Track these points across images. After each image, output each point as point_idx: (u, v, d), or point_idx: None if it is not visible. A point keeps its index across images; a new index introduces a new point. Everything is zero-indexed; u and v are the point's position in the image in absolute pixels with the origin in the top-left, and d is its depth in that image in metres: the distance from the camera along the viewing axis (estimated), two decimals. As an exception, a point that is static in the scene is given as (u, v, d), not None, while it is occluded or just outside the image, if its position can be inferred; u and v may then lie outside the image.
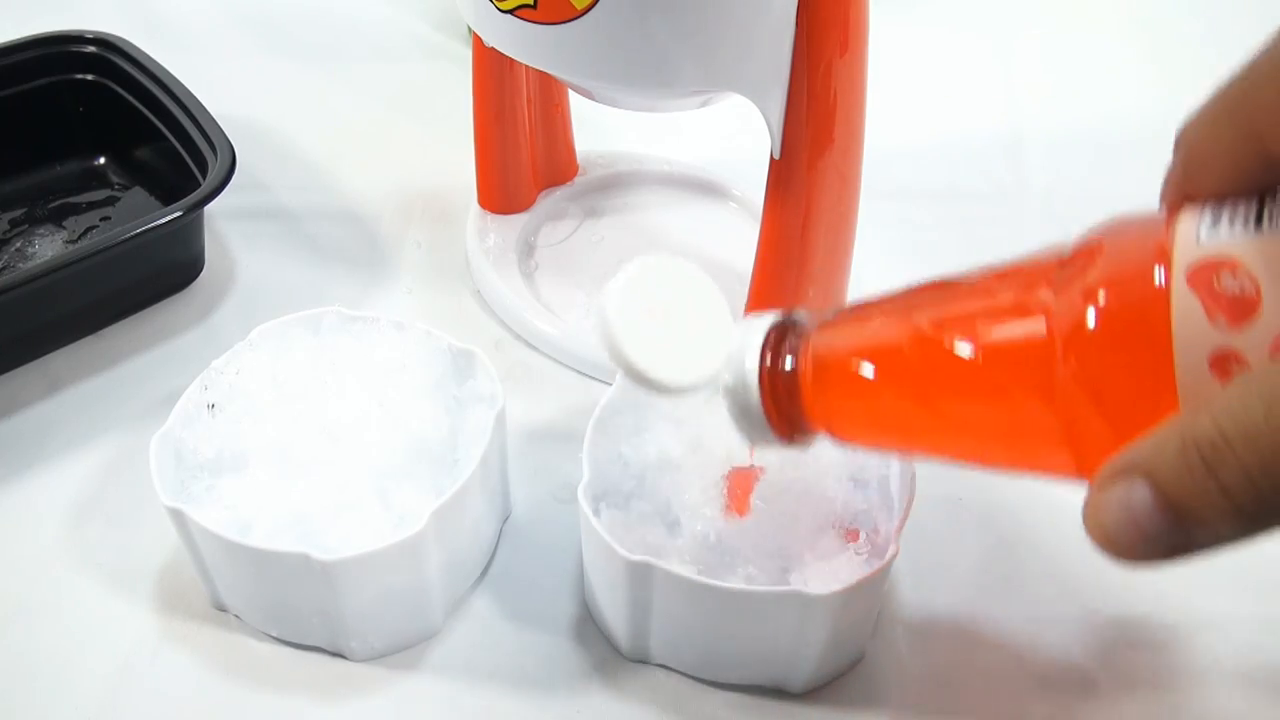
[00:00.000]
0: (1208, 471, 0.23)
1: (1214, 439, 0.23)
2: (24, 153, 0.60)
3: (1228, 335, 0.24)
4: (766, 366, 0.33)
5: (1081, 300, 0.27)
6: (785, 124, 0.44)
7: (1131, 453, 0.25)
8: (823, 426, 0.33)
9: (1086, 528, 0.26)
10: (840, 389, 0.32)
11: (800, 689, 0.41)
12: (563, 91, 0.58)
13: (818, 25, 0.41)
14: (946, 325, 0.30)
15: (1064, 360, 0.27)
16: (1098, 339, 0.26)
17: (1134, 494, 0.24)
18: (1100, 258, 0.27)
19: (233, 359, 0.44)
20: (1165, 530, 0.24)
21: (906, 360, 0.31)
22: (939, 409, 0.31)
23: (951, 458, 0.32)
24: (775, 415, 0.33)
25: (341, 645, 0.42)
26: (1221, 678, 0.43)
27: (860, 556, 0.40)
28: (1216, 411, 0.23)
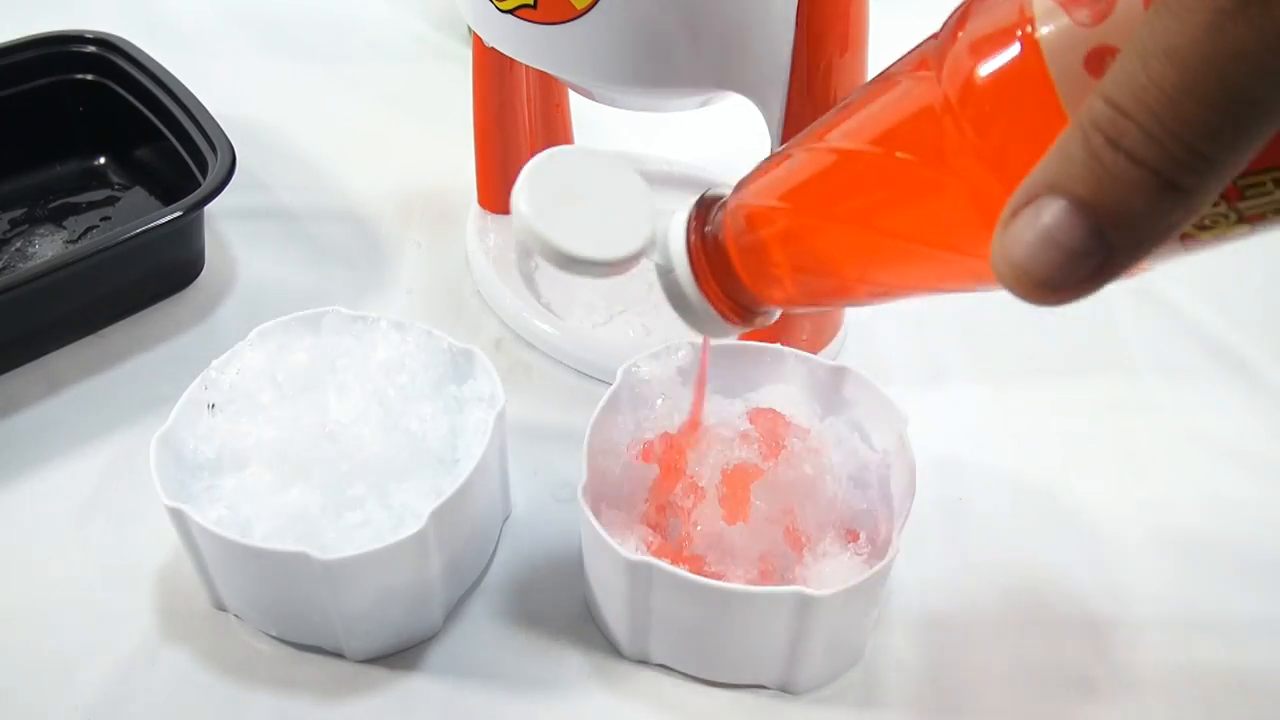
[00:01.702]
0: (1113, 150, 0.21)
1: (1108, 115, 0.21)
2: (24, 153, 0.60)
3: (1095, 32, 0.23)
4: (693, 240, 0.33)
5: (953, 58, 0.26)
6: (785, 124, 0.44)
7: (1031, 177, 0.23)
8: (757, 287, 0.33)
9: (997, 272, 0.23)
10: (762, 235, 0.32)
11: (800, 689, 0.41)
12: (563, 91, 0.58)
13: (818, 25, 0.41)
14: (841, 134, 0.29)
15: (951, 121, 0.26)
16: (974, 87, 0.25)
17: (1044, 211, 0.22)
18: (966, 17, 0.26)
19: (233, 359, 0.44)
20: (1086, 236, 0.22)
21: (814, 180, 0.30)
22: (854, 219, 0.30)
23: (882, 278, 0.31)
24: (712, 290, 0.33)
25: (341, 645, 0.42)
26: (1221, 678, 0.43)
27: (860, 557, 0.40)
28: (1103, 89, 0.21)
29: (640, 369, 0.44)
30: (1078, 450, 0.51)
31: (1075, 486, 0.49)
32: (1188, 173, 0.20)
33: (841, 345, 0.55)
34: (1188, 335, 0.57)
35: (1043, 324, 0.56)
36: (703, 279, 0.33)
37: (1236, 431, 0.52)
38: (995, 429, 0.52)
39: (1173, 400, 0.53)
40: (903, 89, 0.28)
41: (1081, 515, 0.48)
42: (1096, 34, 0.23)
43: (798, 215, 0.31)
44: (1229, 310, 0.58)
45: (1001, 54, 0.25)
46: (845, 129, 0.29)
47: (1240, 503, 0.49)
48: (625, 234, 0.33)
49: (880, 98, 0.28)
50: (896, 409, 0.42)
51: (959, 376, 0.54)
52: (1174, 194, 0.21)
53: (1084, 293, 0.22)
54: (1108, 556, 0.47)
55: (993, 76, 0.25)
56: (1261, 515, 0.48)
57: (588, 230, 0.33)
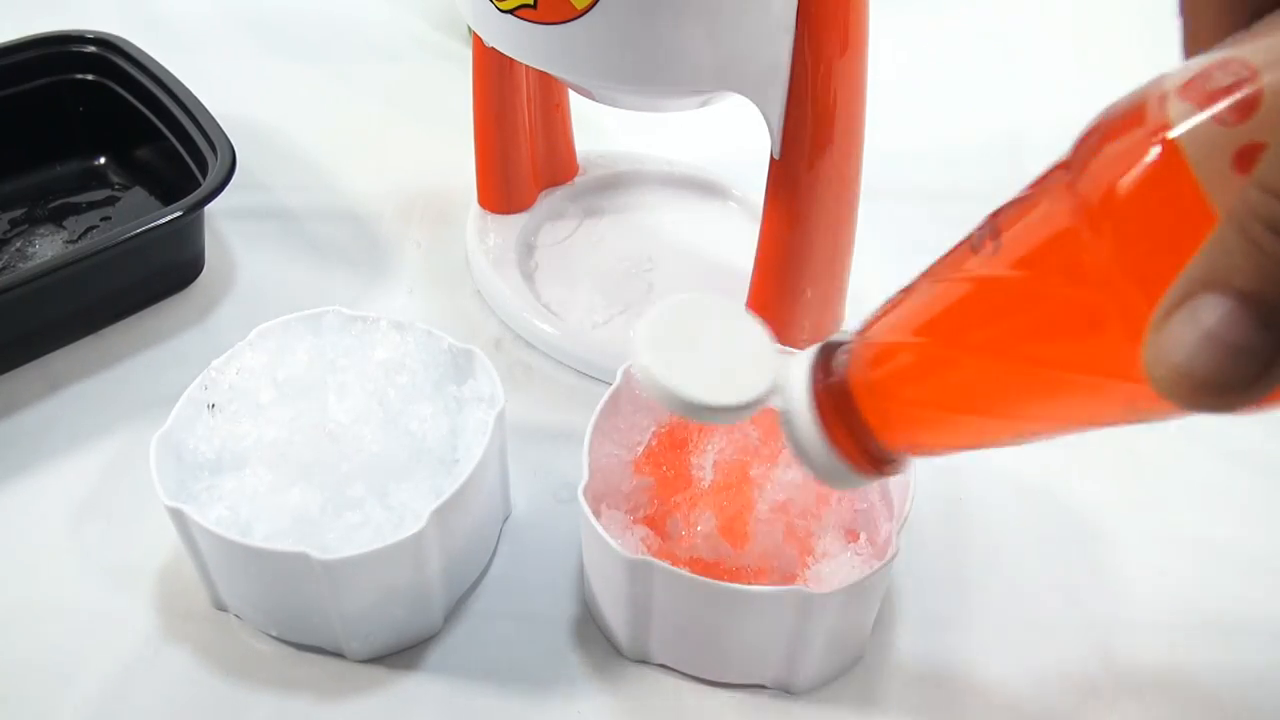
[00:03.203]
0: (1273, 235, 0.20)
1: (1265, 201, 0.20)
2: (24, 153, 0.60)
3: (1241, 130, 0.22)
4: (817, 386, 0.31)
5: (1090, 175, 0.25)
6: (785, 124, 0.44)
7: (1184, 275, 0.21)
8: (887, 433, 0.31)
9: (1153, 378, 0.22)
10: (891, 374, 0.30)
11: (800, 689, 0.41)
12: (563, 91, 0.58)
13: (818, 25, 0.41)
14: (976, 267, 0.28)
15: (1092, 236, 0.24)
16: (1115, 201, 0.24)
17: (1202, 310, 0.21)
18: (1097, 139, 0.26)
19: (233, 359, 0.44)
20: (1252, 331, 0.20)
21: (945, 308, 0.29)
22: (990, 348, 0.28)
23: (1023, 412, 0.29)
24: (839, 436, 0.31)
25: (341, 645, 0.42)
26: (1221, 678, 0.43)
27: (860, 557, 0.40)
28: (1257, 178, 0.20)
29: (640, 369, 0.44)
30: (1078, 450, 0.51)
31: (1075, 486, 0.49)
32: None
33: (841, 345, 0.54)
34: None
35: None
36: (829, 428, 0.31)
37: (1236, 431, 0.52)
38: (995, 429, 0.52)
39: (1173, 400, 0.53)
40: (1039, 214, 0.27)
41: (1081, 515, 0.48)
42: (1242, 132, 0.22)
43: (928, 349, 0.29)
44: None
45: (1142, 164, 0.24)
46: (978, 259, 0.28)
47: (1240, 503, 0.49)
48: (749, 378, 0.32)
49: (1013, 220, 0.27)
50: None
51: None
52: None
53: (1253, 395, 0.21)
54: (1108, 556, 0.47)
55: (1134, 188, 0.24)
56: (1261, 515, 0.48)
57: (708, 375, 0.32)
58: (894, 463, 0.32)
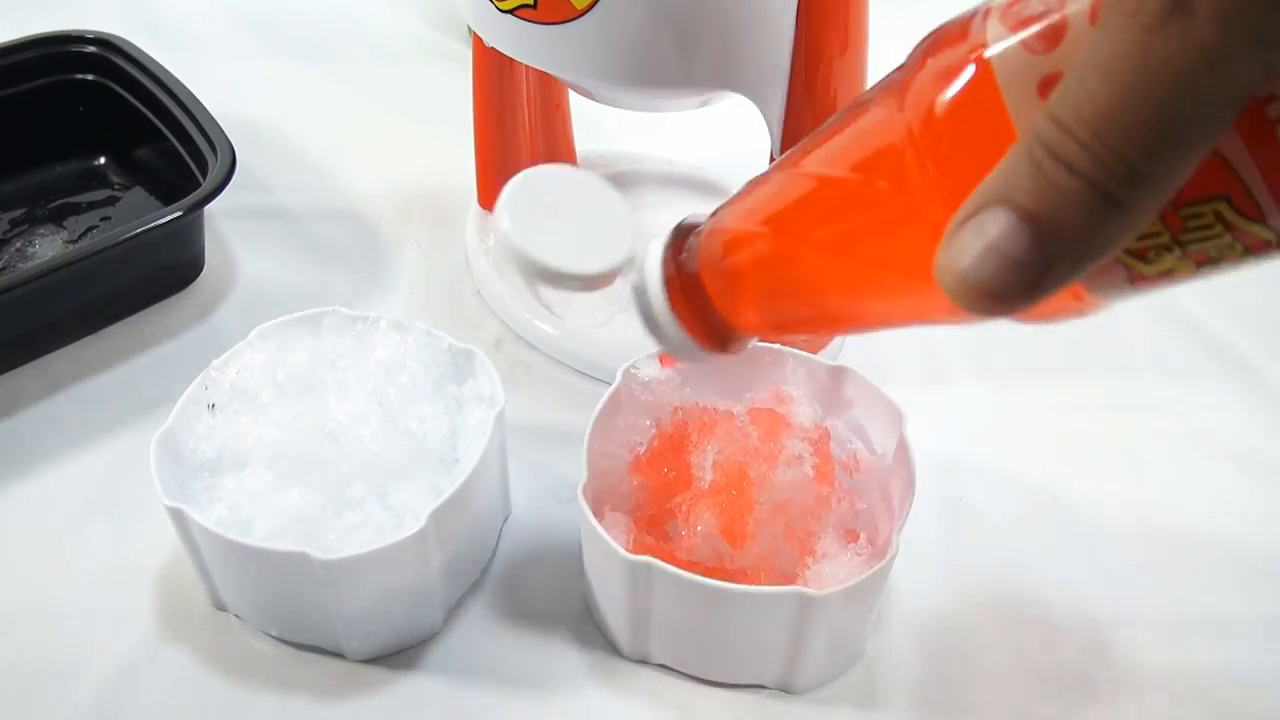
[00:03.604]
0: (1054, 162, 0.21)
1: (1050, 129, 0.22)
2: (24, 153, 0.60)
3: (1048, 59, 0.24)
4: (668, 265, 0.33)
5: (914, 90, 0.26)
6: (785, 124, 0.44)
7: (978, 190, 0.23)
8: (730, 314, 0.33)
9: (941, 281, 0.24)
10: (733, 260, 0.32)
11: (800, 689, 0.41)
12: (563, 91, 0.58)
13: (818, 25, 0.41)
14: (812, 160, 0.30)
15: (912, 152, 0.26)
16: (933, 118, 0.26)
17: (988, 221, 0.23)
18: (926, 47, 0.27)
19: (233, 359, 0.44)
20: (1028, 246, 0.22)
21: (782, 205, 0.31)
22: (821, 245, 0.30)
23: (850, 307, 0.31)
24: (685, 315, 0.33)
25: (341, 645, 0.42)
26: (1221, 678, 0.43)
27: (860, 557, 0.40)
28: (1047, 106, 0.22)
29: (640, 369, 0.44)
30: (1078, 450, 0.51)
31: (1075, 486, 0.49)
32: (1122, 185, 0.21)
33: (841, 345, 0.55)
34: (1188, 335, 0.57)
35: (1043, 324, 0.56)
36: (676, 303, 0.34)
37: (1236, 431, 0.52)
38: (995, 429, 0.52)
39: (1173, 400, 0.53)
40: (871, 118, 0.28)
41: (1081, 515, 0.48)
42: (1049, 60, 0.24)
43: (768, 240, 0.31)
44: (1229, 310, 0.58)
45: (958, 85, 0.25)
46: (816, 156, 0.30)
47: (1240, 503, 0.49)
48: (604, 250, 0.34)
49: (851, 126, 0.29)
50: (896, 409, 0.42)
51: (959, 376, 0.54)
52: (1110, 207, 0.21)
53: (1023, 303, 0.23)
54: (1108, 556, 0.47)
55: (950, 106, 0.25)
56: (1261, 515, 0.48)
57: (567, 245, 0.33)
58: (737, 341, 0.34)
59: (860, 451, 0.44)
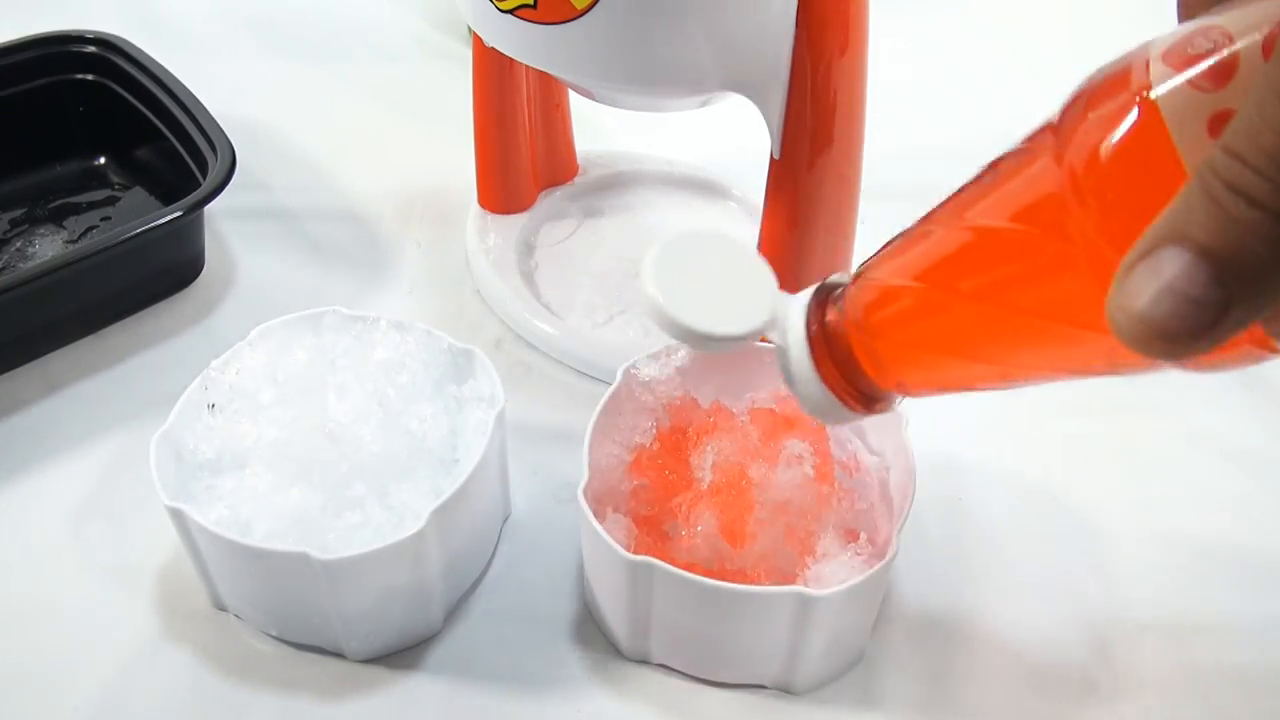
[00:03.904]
0: (1233, 195, 0.21)
1: (1226, 162, 0.21)
2: (24, 153, 0.60)
3: (1217, 97, 0.23)
4: (813, 325, 0.33)
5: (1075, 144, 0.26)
6: (785, 124, 0.44)
7: (1150, 229, 0.22)
8: (877, 372, 0.32)
9: (1114, 324, 0.23)
10: (883, 317, 0.31)
11: (800, 689, 0.41)
12: (563, 91, 0.58)
13: (818, 25, 0.41)
14: (967, 213, 0.29)
15: (1075, 197, 0.25)
16: (1098, 163, 0.25)
17: (1164, 261, 0.22)
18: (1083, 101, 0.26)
19: (233, 359, 0.44)
20: (1207, 283, 0.21)
21: (936, 258, 0.30)
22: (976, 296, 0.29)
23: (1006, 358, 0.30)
24: (830, 372, 0.32)
25: (341, 645, 0.42)
26: (1221, 678, 0.43)
27: (860, 557, 0.40)
28: (1222, 139, 0.21)
29: (640, 369, 0.44)
30: (1078, 450, 0.51)
31: (1075, 486, 0.49)
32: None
33: (841, 345, 0.54)
34: (1188, 335, 0.56)
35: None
36: (821, 364, 0.33)
37: (1236, 431, 0.52)
38: (995, 429, 0.52)
39: (1173, 400, 0.53)
40: (1029, 170, 0.28)
41: (1081, 515, 0.48)
42: (1219, 98, 0.23)
43: (921, 294, 0.30)
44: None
45: (1123, 129, 0.24)
46: (970, 209, 0.29)
47: (1240, 503, 0.49)
48: (747, 311, 0.34)
49: (1007, 180, 0.29)
50: (896, 409, 0.42)
51: (959, 377, 0.54)
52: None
53: (1203, 345, 0.22)
54: (1108, 556, 0.47)
55: (1116, 152, 0.25)
56: (1261, 516, 0.48)
57: (712, 307, 0.33)
58: (883, 401, 0.34)
59: (860, 451, 0.44)
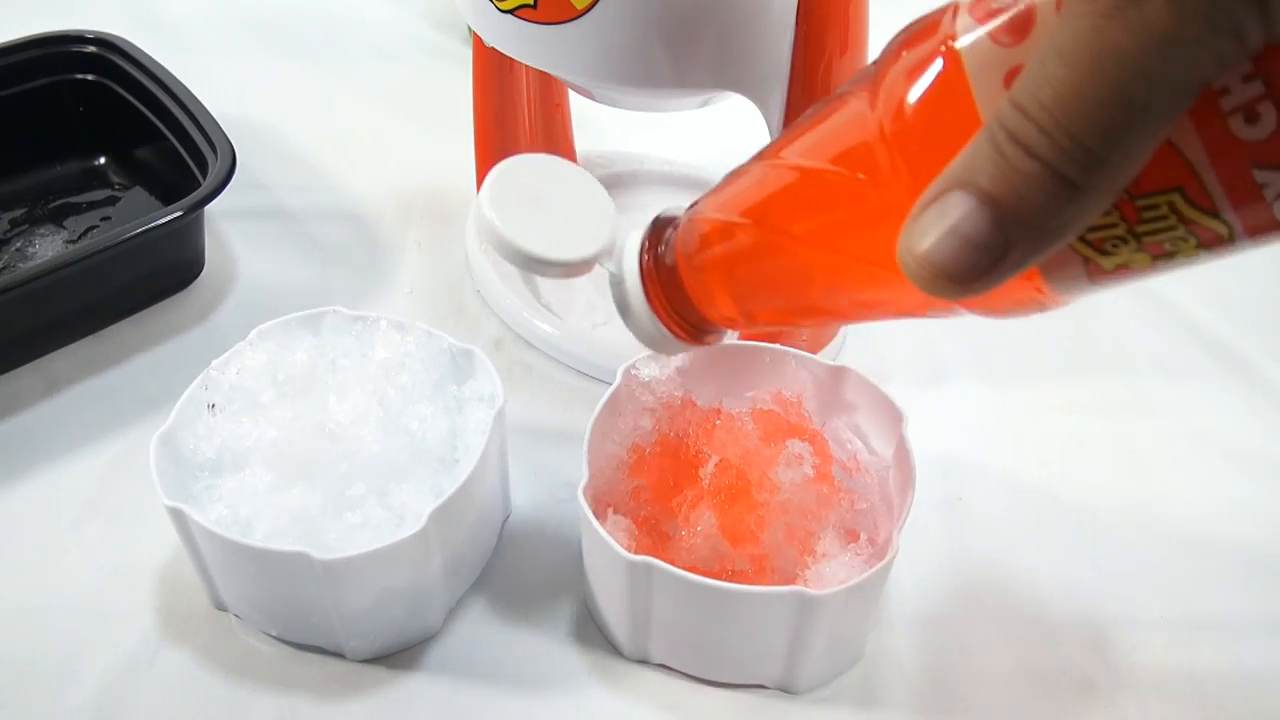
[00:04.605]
0: (1015, 146, 0.22)
1: (1011, 114, 0.22)
2: (24, 153, 0.60)
3: (1015, 52, 0.24)
4: (646, 257, 0.34)
5: (886, 85, 0.27)
6: (785, 124, 0.44)
7: (941, 175, 0.24)
8: (704, 306, 0.33)
9: (902, 263, 0.24)
10: (708, 251, 0.32)
11: (800, 689, 0.41)
12: (563, 91, 0.58)
13: (818, 25, 0.41)
14: (787, 152, 0.30)
15: (883, 147, 0.27)
16: (903, 113, 0.26)
17: (949, 204, 0.23)
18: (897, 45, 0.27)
19: (233, 359, 0.44)
20: (987, 228, 0.23)
21: (756, 197, 0.31)
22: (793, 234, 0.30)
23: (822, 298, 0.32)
24: (661, 304, 0.34)
25: (341, 645, 0.42)
26: (1221, 678, 0.43)
27: (860, 557, 0.40)
28: (1010, 92, 0.22)
29: (640, 369, 0.44)
30: (1078, 450, 0.51)
31: (1075, 486, 0.49)
32: (1079, 168, 0.22)
33: (841, 345, 0.55)
34: (1188, 335, 0.57)
35: (1042, 324, 0.56)
36: (652, 295, 0.34)
37: (1236, 431, 0.52)
38: (995, 429, 0.52)
39: (1173, 400, 0.53)
40: (846, 113, 0.29)
41: (1081, 515, 0.48)
42: (1016, 53, 0.24)
43: (743, 231, 0.32)
44: (1229, 310, 0.58)
45: (928, 78, 0.26)
46: (793, 149, 0.30)
47: (1240, 503, 0.49)
48: (584, 238, 0.34)
49: (826, 121, 0.30)
50: (896, 409, 0.42)
51: (959, 376, 0.54)
52: (1068, 189, 0.22)
53: (982, 285, 0.23)
54: (1108, 556, 0.47)
55: (921, 100, 0.26)
56: (1261, 515, 0.48)
57: (548, 232, 0.34)
58: (712, 333, 0.35)
59: (860, 451, 0.44)
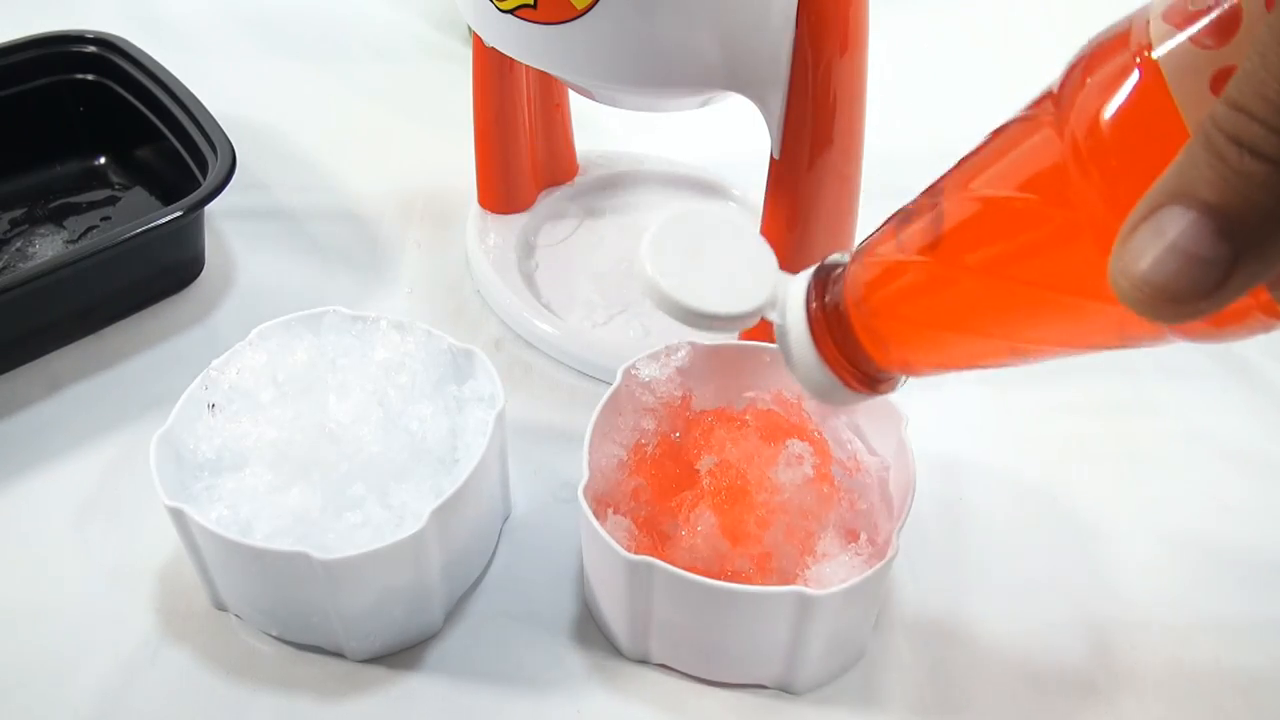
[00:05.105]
0: (1238, 149, 0.20)
1: (1230, 115, 0.20)
2: (24, 153, 0.60)
3: (1220, 54, 0.22)
4: (813, 306, 0.32)
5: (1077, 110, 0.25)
6: (785, 124, 0.44)
7: (1153, 189, 0.21)
8: (879, 352, 0.31)
9: (1116, 287, 0.22)
10: (883, 295, 0.31)
11: (800, 689, 0.41)
12: (563, 91, 0.58)
13: (818, 25, 0.41)
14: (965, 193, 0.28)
15: (1078, 166, 0.25)
16: (1099, 129, 0.24)
17: (1166, 221, 0.21)
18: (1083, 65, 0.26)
19: (233, 359, 0.44)
20: (1213, 241, 0.20)
21: (939, 238, 0.29)
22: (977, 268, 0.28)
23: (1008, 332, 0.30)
24: (831, 353, 0.32)
25: (341, 645, 0.42)
26: (1221, 678, 0.43)
27: (860, 557, 0.40)
28: (1226, 93, 0.20)
29: (640, 369, 0.44)
30: (1078, 450, 0.51)
31: (1075, 487, 0.49)
32: None
33: (841, 345, 0.55)
34: (1188, 335, 0.56)
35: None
36: (822, 345, 0.32)
37: (1236, 431, 0.52)
38: (995, 429, 0.52)
39: (1173, 400, 0.53)
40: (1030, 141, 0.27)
41: (1081, 515, 0.48)
42: (1222, 55, 0.22)
43: (921, 269, 0.30)
44: (1229, 310, 0.58)
45: (1123, 91, 0.24)
46: (970, 179, 0.28)
47: (1240, 503, 0.49)
48: (747, 290, 0.33)
49: (1001, 151, 0.28)
50: (896, 409, 0.42)
51: (959, 376, 0.54)
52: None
53: (1210, 306, 0.21)
54: (1108, 556, 0.47)
55: (1118, 115, 0.24)
56: (1261, 515, 0.48)
57: (711, 287, 0.33)
58: (886, 381, 0.33)
59: (860, 451, 0.44)
